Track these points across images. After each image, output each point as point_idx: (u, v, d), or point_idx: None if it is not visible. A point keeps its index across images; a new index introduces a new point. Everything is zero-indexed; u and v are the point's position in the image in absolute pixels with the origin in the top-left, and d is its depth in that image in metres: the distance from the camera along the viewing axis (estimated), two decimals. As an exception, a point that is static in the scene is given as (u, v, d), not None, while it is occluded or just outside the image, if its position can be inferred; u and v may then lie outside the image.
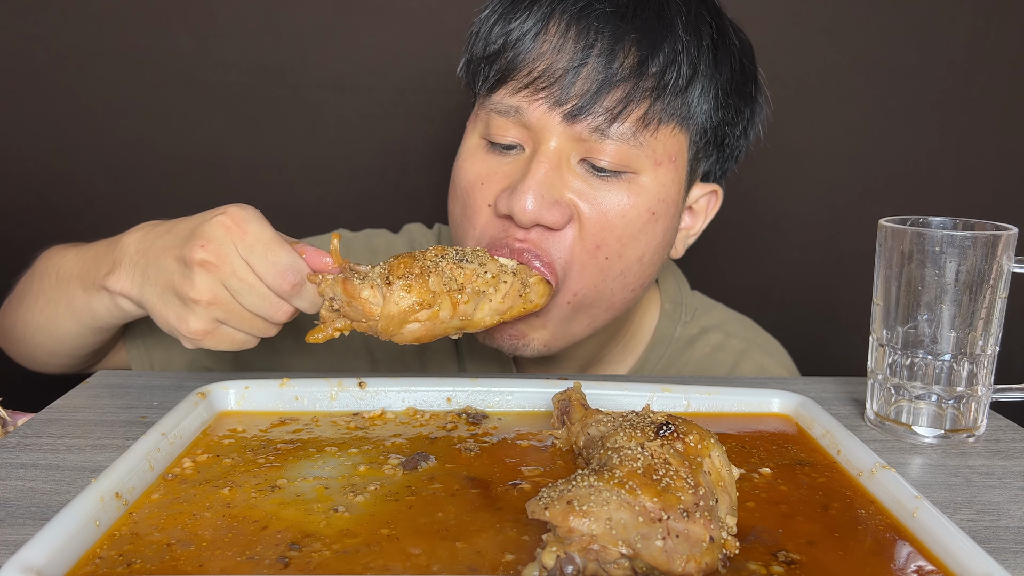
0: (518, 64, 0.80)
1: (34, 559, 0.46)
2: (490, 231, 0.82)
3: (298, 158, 1.40)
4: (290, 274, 0.68)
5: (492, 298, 0.72)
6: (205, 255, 0.68)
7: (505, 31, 0.81)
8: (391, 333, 0.68)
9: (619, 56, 0.77)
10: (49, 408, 0.76)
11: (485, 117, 0.83)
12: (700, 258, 1.46)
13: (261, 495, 0.58)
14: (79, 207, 1.40)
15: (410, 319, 0.68)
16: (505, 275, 0.73)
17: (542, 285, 0.75)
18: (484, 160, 0.83)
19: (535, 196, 0.77)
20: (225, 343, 0.72)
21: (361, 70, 1.38)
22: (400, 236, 1.11)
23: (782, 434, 0.71)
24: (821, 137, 1.44)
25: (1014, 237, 0.71)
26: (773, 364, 1.05)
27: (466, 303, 0.70)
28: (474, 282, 0.71)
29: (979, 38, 1.41)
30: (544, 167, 0.78)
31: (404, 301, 0.67)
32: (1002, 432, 0.76)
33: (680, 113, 0.81)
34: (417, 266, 0.69)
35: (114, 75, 1.35)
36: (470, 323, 0.71)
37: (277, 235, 0.70)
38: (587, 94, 0.77)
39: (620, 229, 0.80)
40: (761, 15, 1.38)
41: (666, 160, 0.81)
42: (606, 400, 0.74)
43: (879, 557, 0.52)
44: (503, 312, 0.73)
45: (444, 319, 0.69)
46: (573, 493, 0.48)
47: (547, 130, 0.79)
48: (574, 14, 0.78)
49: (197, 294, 0.69)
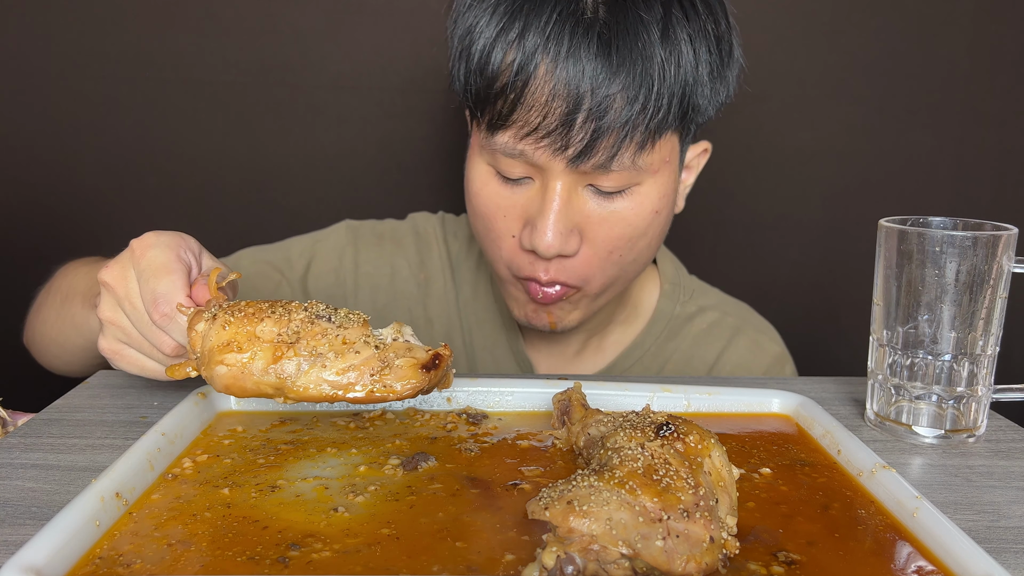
0: (516, 111, 0.81)
1: (34, 559, 0.46)
2: (517, 261, 0.89)
3: (298, 158, 1.40)
4: (160, 303, 0.65)
5: (329, 366, 0.58)
6: (107, 277, 0.69)
7: (496, 72, 0.81)
8: (208, 374, 0.60)
9: (612, 100, 0.79)
10: (49, 408, 0.76)
11: (490, 152, 0.86)
12: (700, 258, 1.46)
13: (261, 495, 0.58)
14: (79, 207, 1.40)
15: (217, 359, 0.59)
16: (362, 346, 0.59)
17: (411, 371, 0.58)
18: (498, 191, 0.88)
19: (554, 232, 0.83)
20: (134, 367, 0.71)
21: (361, 70, 1.38)
22: (406, 223, 1.14)
23: (782, 434, 0.71)
24: (821, 137, 1.44)
25: (1014, 237, 0.71)
26: (767, 341, 1.09)
27: (290, 359, 0.58)
28: (315, 340, 0.58)
29: (979, 38, 1.41)
30: (557, 203, 0.84)
31: (217, 338, 0.59)
32: (1002, 432, 0.76)
33: (674, 123, 0.84)
34: (264, 306, 0.60)
35: (114, 75, 1.35)
36: (290, 388, 0.58)
37: (172, 262, 0.67)
38: (586, 140, 0.80)
39: (629, 233, 0.87)
40: (761, 15, 1.39)
41: (663, 165, 0.86)
42: (606, 400, 0.74)
43: (879, 557, 0.52)
44: (342, 388, 0.58)
45: (255, 371, 0.58)
46: (573, 493, 0.48)
47: (553, 170, 0.83)
48: (560, 59, 0.78)
49: (100, 313, 0.70)
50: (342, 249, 1.10)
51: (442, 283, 1.09)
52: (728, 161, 1.42)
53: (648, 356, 1.06)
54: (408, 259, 1.10)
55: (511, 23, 0.80)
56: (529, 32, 0.79)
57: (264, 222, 1.41)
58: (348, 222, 1.13)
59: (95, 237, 1.41)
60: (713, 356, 1.06)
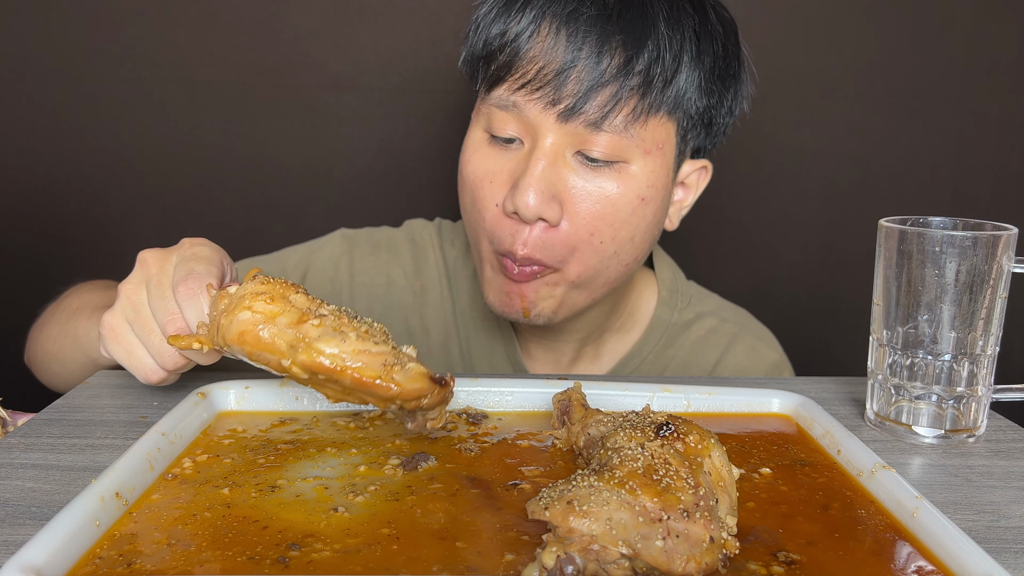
0: (514, 64, 0.84)
1: (34, 559, 0.46)
2: (498, 233, 0.87)
3: (298, 158, 1.40)
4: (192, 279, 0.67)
5: (348, 340, 0.58)
6: (148, 254, 0.72)
7: (502, 31, 0.85)
8: (227, 321, 0.60)
9: (606, 57, 0.82)
10: (49, 408, 0.76)
11: (487, 112, 0.88)
12: (700, 258, 1.46)
13: (261, 495, 0.58)
14: (79, 207, 1.40)
15: (244, 307, 0.59)
16: (382, 338, 0.60)
17: (420, 377, 0.59)
18: (488, 155, 0.88)
19: (536, 192, 0.83)
20: (123, 351, 0.70)
21: (361, 70, 1.38)
22: (401, 230, 1.13)
23: (782, 434, 0.71)
24: (821, 137, 1.44)
25: (1014, 237, 0.71)
26: (764, 347, 1.09)
27: (316, 326, 0.58)
28: (340, 321, 0.60)
29: (979, 38, 1.41)
30: (542, 163, 0.84)
31: (252, 289, 0.60)
32: (1002, 432, 0.76)
33: (667, 104, 0.85)
34: (300, 290, 0.62)
35: (114, 75, 1.35)
36: (307, 345, 0.58)
37: (215, 257, 0.70)
38: (578, 94, 0.82)
39: (612, 215, 0.86)
40: (761, 15, 1.39)
41: (655, 148, 0.86)
42: (606, 400, 0.74)
43: (879, 557, 0.52)
44: (352, 361, 0.58)
45: (279, 325, 0.59)
46: (573, 493, 0.48)
47: (543, 127, 0.84)
48: (563, 17, 0.82)
49: (122, 286, 0.71)
50: (337, 259, 1.09)
51: (438, 291, 1.08)
52: (728, 161, 1.42)
53: (646, 364, 1.05)
54: (404, 268, 1.09)
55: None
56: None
57: (264, 222, 1.42)
58: (343, 231, 1.12)
59: (95, 237, 1.41)
60: (711, 363, 1.06)
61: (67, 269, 1.01)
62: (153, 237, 1.39)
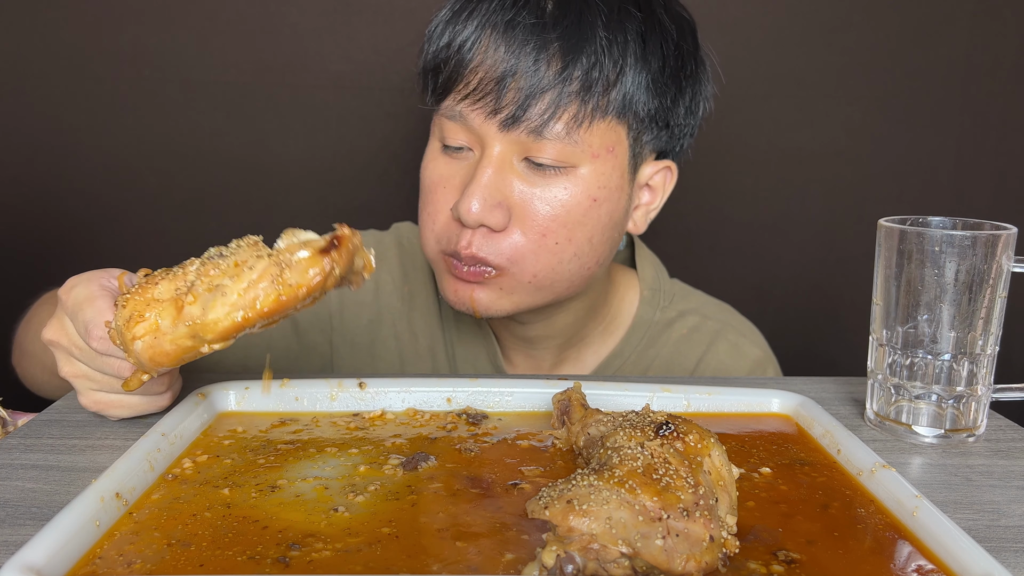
0: (459, 75, 0.86)
1: (34, 559, 0.46)
2: (447, 232, 0.89)
3: (298, 158, 1.40)
4: (92, 329, 0.63)
5: (228, 291, 0.55)
6: (49, 335, 0.68)
7: (448, 42, 0.87)
8: (134, 359, 0.58)
9: (543, 65, 0.83)
10: (49, 409, 0.76)
11: (439, 122, 0.90)
12: (700, 258, 1.46)
13: (261, 495, 0.58)
14: (79, 207, 1.40)
15: (129, 337, 0.57)
16: (255, 261, 0.57)
17: (311, 260, 0.56)
18: (442, 163, 0.90)
19: (479, 199, 0.84)
20: (126, 409, 0.70)
21: (361, 70, 1.38)
22: (389, 234, 1.13)
23: (782, 434, 0.71)
24: (821, 137, 1.44)
25: (1014, 237, 0.71)
26: (747, 344, 1.07)
27: (192, 304, 0.56)
28: (208, 277, 0.57)
29: (979, 38, 1.41)
30: (488, 171, 0.85)
31: (120, 318, 0.58)
32: (1002, 432, 0.76)
33: (614, 108, 0.85)
34: (158, 273, 0.59)
35: (114, 75, 1.35)
36: (204, 326, 0.56)
37: (93, 291, 0.65)
38: (518, 102, 0.83)
39: (563, 217, 0.86)
40: (761, 15, 1.39)
41: (604, 152, 0.86)
42: (606, 400, 0.74)
43: (879, 556, 0.52)
44: (250, 306, 0.55)
45: (166, 329, 0.56)
46: (573, 492, 0.48)
47: (488, 136, 0.85)
48: (503, 27, 0.84)
49: (61, 372, 0.68)
50: None
51: (425, 295, 1.08)
52: (728, 161, 1.43)
53: (628, 365, 1.04)
54: (392, 273, 1.09)
55: (467, 5, 0.86)
56: (480, 9, 0.85)
57: (264, 222, 1.41)
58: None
59: (95, 237, 1.41)
60: (693, 362, 1.05)
61: (67, 269, 1.00)
62: (153, 237, 1.40)
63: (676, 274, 1.15)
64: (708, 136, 0.98)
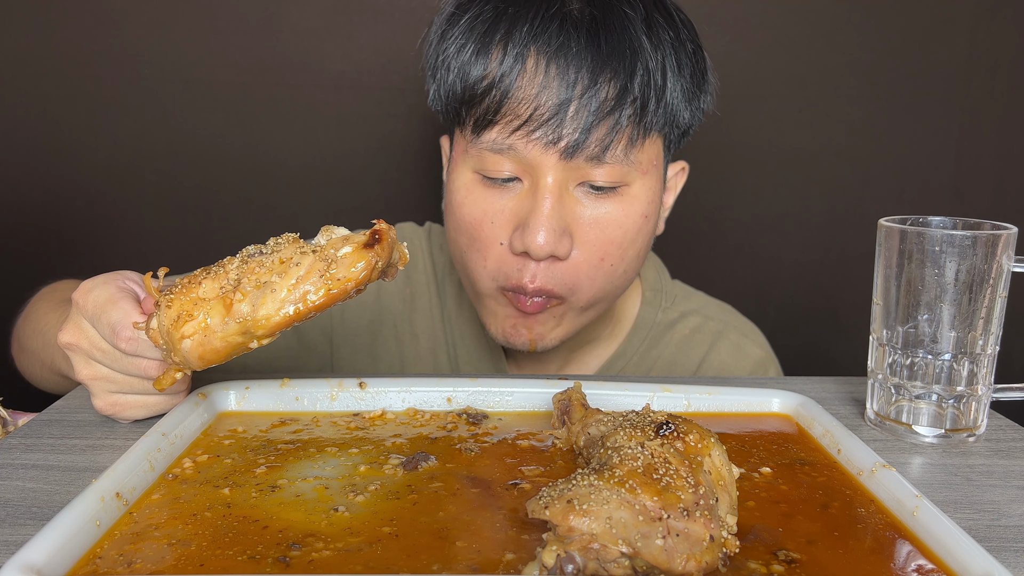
0: (505, 106, 0.81)
1: (34, 559, 0.46)
2: (504, 269, 0.86)
3: (298, 158, 1.40)
4: (119, 330, 0.63)
5: (278, 288, 0.57)
6: (66, 338, 0.67)
7: (482, 73, 0.82)
8: (180, 358, 0.60)
9: (601, 89, 0.80)
10: (49, 409, 0.76)
11: (476, 154, 0.85)
12: (700, 258, 1.46)
13: (261, 495, 0.58)
14: (79, 207, 1.40)
15: (177, 337, 0.59)
16: (300, 257, 0.58)
17: (356, 254, 0.58)
18: (484, 196, 0.86)
19: (547, 231, 0.82)
20: (140, 410, 0.70)
21: (361, 70, 1.38)
22: None
23: (782, 434, 0.71)
24: (821, 137, 1.44)
25: (1014, 237, 0.71)
26: (749, 344, 1.08)
27: (241, 302, 0.57)
28: (255, 274, 0.58)
29: (979, 38, 1.41)
30: (549, 201, 0.82)
31: (167, 319, 0.59)
32: (1002, 432, 0.76)
33: (658, 123, 0.84)
34: (198, 272, 0.60)
35: (114, 75, 1.35)
36: (255, 323, 0.58)
37: (114, 293, 0.65)
38: (579, 131, 0.80)
39: (619, 239, 0.86)
40: (761, 15, 1.39)
41: (651, 167, 0.86)
42: (606, 400, 0.74)
43: (879, 556, 0.52)
44: (301, 300, 0.57)
45: (216, 327, 0.58)
46: (573, 492, 0.48)
47: (545, 166, 0.82)
48: (551, 53, 0.80)
49: (78, 376, 0.68)
50: None
51: (427, 298, 1.08)
52: (728, 161, 1.43)
53: (630, 366, 1.05)
54: None
55: (495, 27, 0.82)
56: (516, 31, 0.80)
57: (264, 222, 1.41)
58: None
59: (95, 237, 1.41)
60: (695, 362, 1.05)
61: (67, 269, 1.00)
62: (153, 236, 1.40)
63: (677, 275, 1.15)
64: (708, 136, 0.98)
